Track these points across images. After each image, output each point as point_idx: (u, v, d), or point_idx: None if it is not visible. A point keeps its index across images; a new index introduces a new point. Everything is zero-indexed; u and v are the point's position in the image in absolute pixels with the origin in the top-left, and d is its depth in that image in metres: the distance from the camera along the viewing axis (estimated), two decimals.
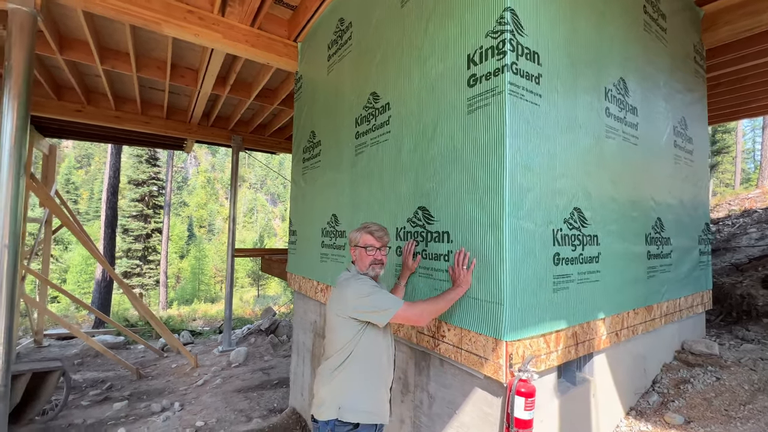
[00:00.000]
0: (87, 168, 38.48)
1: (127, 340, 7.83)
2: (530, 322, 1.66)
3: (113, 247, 11.10)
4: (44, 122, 6.50)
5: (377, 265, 1.72)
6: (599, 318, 2.05)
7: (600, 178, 2.11)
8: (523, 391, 1.48)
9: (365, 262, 1.71)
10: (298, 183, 3.92)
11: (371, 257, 1.70)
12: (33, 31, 2.83)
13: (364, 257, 1.71)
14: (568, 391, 1.92)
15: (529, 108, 1.70)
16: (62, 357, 6.65)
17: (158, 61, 4.79)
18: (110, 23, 3.97)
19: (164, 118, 6.58)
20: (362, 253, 1.72)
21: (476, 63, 1.77)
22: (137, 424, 3.97)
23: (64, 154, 33.99)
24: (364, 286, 1.64)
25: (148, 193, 19.27)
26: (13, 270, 2.74)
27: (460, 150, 1.83)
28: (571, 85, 1.93)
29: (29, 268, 6.43)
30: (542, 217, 1.74)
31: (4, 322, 2.68)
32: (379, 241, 1.73)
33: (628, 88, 2.36)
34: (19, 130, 2.75)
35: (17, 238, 2.76)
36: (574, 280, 1.88)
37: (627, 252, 2.28)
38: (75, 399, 4.89)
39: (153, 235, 19.80)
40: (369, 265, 1.71)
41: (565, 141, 1.88)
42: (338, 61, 3.13)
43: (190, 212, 40.12)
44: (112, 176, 10.56)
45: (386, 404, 1.72)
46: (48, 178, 7.52)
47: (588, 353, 2.02)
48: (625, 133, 2.32)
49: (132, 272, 18.85)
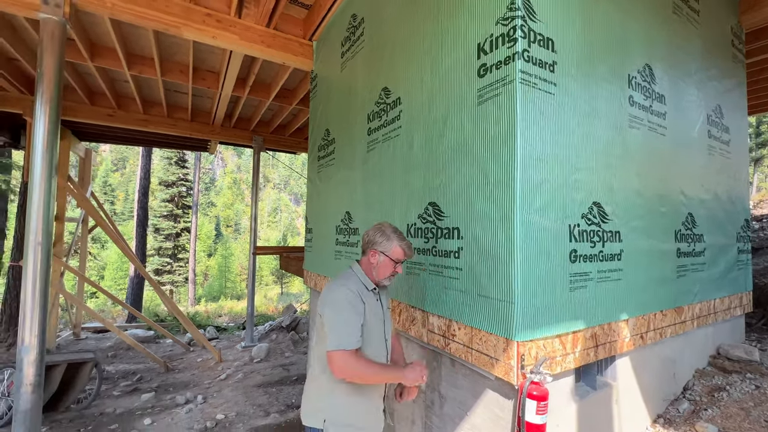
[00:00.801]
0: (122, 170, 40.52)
1: (157, 334, 8.16)
2: (544, 322, 1.58)
3: (144, 245, 11.62)
4: (80, 127, 6.86)
5: (393, 277, 1.65)
6: (622, 319, 1.93)
7: (623, 170, 1.98)
8: (535, 394, 1.41)
9: (385, 272, 1.62)
10: (313, 181, 3.95)
11: (394, 269, 1.62)
12: (63, 38, 2.97)
13: (387, 267, 1.61)
14: (587, 396, 1.82)
15: (542, 97, 1.62)
16: (97, 349, 7.02)
17: (181, 65, 4.95)
18: (135, 30, 4.13)
19: (189, 120, 6.80)
20: (387, 263, 1.61)
21: (486, 52, 1.70)
22: (162, 414, 4.12)
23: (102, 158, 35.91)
24: (343, 302, 1.50)
25: (177, 193, 20.07)
26: (46, 266, 2.88)
27: (471, 143, 1.76)
28: (589, 73, 1.83)
29: (68, 264, 6.82)
30: (557, 212, 1.65)
31: (38, 316, 2.83)
32: (406, 257, 1.64)
33: (654, 75, 2.21)
34: (51, 134, 2.89)
35: (49, 235, 2.91)
36: (593, 278, 1.78)
37: (653, 249, 2.15)
38: (107, 389, 5.14)
39: (182, 234, 20.61)
40: (388, 276, 1.62)
41: (583, 132, 1.79)
42: (351, 58, 3.12)
43: (217, 212, 41.49)
44: (143, 177, 11.05)
45: (378, 413, 1.64)
46: (84, 180, 7.93)
47: (610, 356, 1.91)
48: (652, 123, 2.18)
49: (163, 269, 19.69)
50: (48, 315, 3.00)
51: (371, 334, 1.59)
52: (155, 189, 21.65)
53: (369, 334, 1.58)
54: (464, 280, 1.76)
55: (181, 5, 3.32)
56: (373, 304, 1.62)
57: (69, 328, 8.23)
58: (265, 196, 49.57)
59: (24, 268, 2.83)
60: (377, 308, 1.64)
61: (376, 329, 1.62)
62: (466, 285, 1.75)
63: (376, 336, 1.61)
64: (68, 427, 3.85)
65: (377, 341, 1.62)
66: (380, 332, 1.63)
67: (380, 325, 1.64)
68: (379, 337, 1.63)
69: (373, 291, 1.65)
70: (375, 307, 1.63)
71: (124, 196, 35.16)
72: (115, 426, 3.83)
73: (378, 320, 1.63)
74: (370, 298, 1.62)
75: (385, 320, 1.67)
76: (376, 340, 1.61)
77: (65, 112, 6.00)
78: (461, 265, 1.79)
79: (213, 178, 48.66)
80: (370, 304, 1.60)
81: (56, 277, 6.49)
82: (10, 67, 4.87)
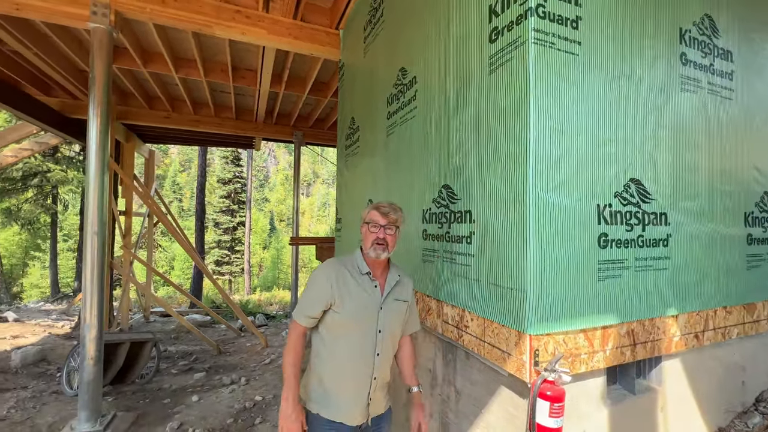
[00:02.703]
0: (188, 170, 44.29)
1: (213, 320, 8.82)
2: (564, 315, 1.40)
3: (203, 238, 12.61)
4: (142, 130, 7.56)
5: (379, 246, 1.52)
6: (669, 315, 1.66)
7: (671, 141, 1.69)
8: (549, 394, 1.25)
9: (368, 242, 1.55)
10: (341, 171, 3.94)
11: (374, 235, 1.53)
12: (110, 45, 3.23)
13: (367, 235, 1.56)
14: (622, 401, 1.59)
15: (562, 59, 1.42)
16: (162, 331, 7.76)
17: (221, 65, 5.20)
18: (178, 33, 4.39)
19: (234, 119, 7.18)
20: (366, 231, 1.57)
21: (498, 14, 1.53)
22: (209, 393, 4.42)
23: (170, 159, 39.56)
24: (315, 276, 1.54)
25: (233, 190, 21.54)
26: (102, 253, 3.19)
27: (482, 117, 1.61)
28: (625, 27, 1.57)
29: (136, 255, 7.58)
30: (582, 191, 1.45)
31: (96, 298, 3.15)
32: (384, 218, 1.54)
33: (717, 28, 1.86)
34: (102, 133, 3.18)
35: (104, 225, 3.21)
36: (630, 266, 1.54)
37: (714, 235, 1.82)
38: (168, 367, 5.65)
39: (238, 228, 22.10)
40: (371, 244, 1.53)
41: (616, 97, 1.54)
42: (372, 42, 3.03)
43: (271, 207, 43.87)
44: (200, 175, 11.96)
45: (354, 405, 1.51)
46: (149, 179, 8.74)
47: (653, 357, 1.66)
48: (712, 85, 1.83)
49: (222, 261, 21.31)
50: (104, 298, 3.33)
51: (352, 320, 1.50)
52: (215, 186, 23.40)
53: (347, 319, 1.49)
54: (476, 267, 1.62)
55: (211, 4, 3.46)
56: (362, 289, 1.52)
57: (141, 311, 9.20)
58: (315, 191, 51.36)
59: (83, 256, 3.16)
60: (369, 294, 1.54)
61: (362, 317, 1.51)
62: (478, 272, 1.61)
63: (360, 325, 1.51)
64: (131, 398, 4.28)
65: (361, 331, 1.51)
66: (369, 322, 1.52)
67: (370, 314, 1.53)
68: (365, 327, 1.52)
69: (369, 276, 1.56)
70: (364, 293, 1.53)
71: (190, 194, 38.48)
72: (168, 400, 4.19)
73: (366, 307, 1.52)
74: (362, 281, 1.54)
75: (383, 311, 1.55)
76: (360, 329, 1.51)
77: (129, 116, 6.64)
78: (473, 251, 1.64)
79: (267, 175, 51.44)
80: (356, 288, 1.52)
81: (126, 267, 7.26)
82: (81, 78, 5.45)
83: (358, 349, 1.52)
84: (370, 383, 1.54)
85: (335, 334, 1.52)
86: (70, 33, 4.34)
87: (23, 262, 20.53)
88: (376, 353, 1.54)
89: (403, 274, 1.69)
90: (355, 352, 1.52)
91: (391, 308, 1.59)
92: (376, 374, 1.54)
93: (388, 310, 1.57)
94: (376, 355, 1.54)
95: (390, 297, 1.59)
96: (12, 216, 13.12)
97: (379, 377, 1.56)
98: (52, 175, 12.12)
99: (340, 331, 1.51)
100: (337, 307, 1.48)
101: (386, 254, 1.55)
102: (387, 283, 1.60)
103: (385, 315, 1.55)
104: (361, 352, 1.52)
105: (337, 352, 1.52)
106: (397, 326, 1.62)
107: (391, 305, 1.59)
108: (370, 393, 1.54)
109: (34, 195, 12.81)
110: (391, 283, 1.60)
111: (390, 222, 1.55)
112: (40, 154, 11.71)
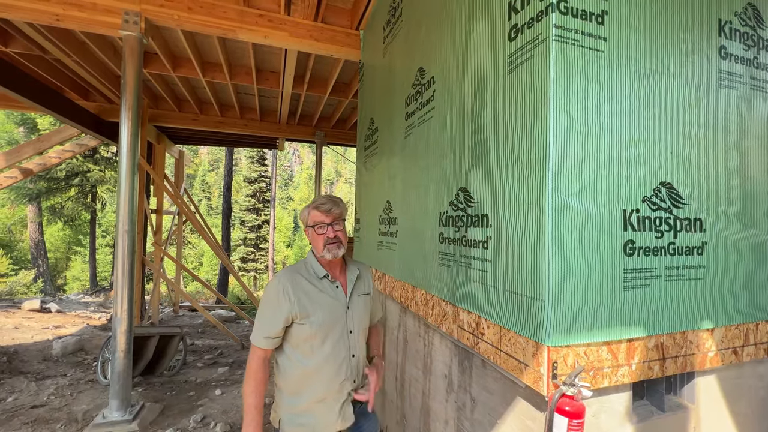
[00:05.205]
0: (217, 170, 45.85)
1: (237, 315, 9.08)
2: (586, 326, 1.33)
3: (229, 236, 13.00)
4: (172, 132, 7.87)
5: (333, 245, 1.44)
6: (703, 328, 1.55)
7: (708, 141, 1.58)
8: (568, 410, 1.19)
9: (319, 245, 1.46)
10: (361, 171, 3.95)
11: (322, 236, 1.44)
12: (141, 51, 3.37)
13: (316, 239, 1.46)
14: (649, 418, 1.50)
15: (586, 56, 1.34)
16: (190, 325, 8.06)
17: (246, 68, 5.33)
18: (205, 39, 4.54)
19: (258, 120, 7.35)
20: (313, 234, 1.47)
21: (517, 10, 1.47)
22: (231, 387, 4.55)
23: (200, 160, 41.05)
24: (268, 293, 1.42)
25: (258, 189, 22.12)
26: (132, 250, 3.33)
27: (500, 118, 1.55)
28: (656, 21, 1.47)
29: (166, 251, 7.91)
30: (607, 195, 1.37)
31: (126, 293, 3.30)
32: (328, 215, 1.45)
33: (762, 18, 1.71)
34: (133, 135, 3.32)
35: (134, 224, 3.36)
36: (659, 276, 1.44)
37: (755, 242, 1.68)
38: (194, 360, 5.86)
39: (263, 226, 22.67)
40: (324, 246, 1.45)
41: (646, 95, 1.45)
42: (391, 42, 3.01)
43: (295, 206, 44.72)
44: (226, 175, 12.34)
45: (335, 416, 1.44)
46: (178, 179, 9.10)
47: (685, 372, 1.55)
48: (756, 80, 1.69)
49: (248, 258, 21.93)
50: (134, 293, 3.48)
51: (320, 328, 1.42)
52: (241, 186, 24.09)
53: (316, 329, 1.41)
54: (493, 273, 1.57)
55: (235, 9, 3.54)
56: (324, 294, 1.47)
57: (170, 306, 9.60)
58: (338, 190, 51.90)
59: (114, 252, 3.31)
60: (333, 297, 1.48)
61: (331, 322, 1.45)
62: (495, 279, 1.55)
63: (331, 331, 1.45)
64: (159, 390, 4.46)
65: (334, 337, 1.45)
66: (339, 325, 1.47)
67: (338, 317, 1.47)
68: (336, 332, 1.46)
69: (327, 278, 1.49)
70: (327, 297, 1.47)
71: (218, 193, 39.83)
72: (192, 393, 4.34)
73: (333, 311, 1.47)
74: (322, 285, 1.48)
75: (351, 310, 1.50)
76: (332, 336, 1.44)
77: (160, 119, 6.92)
78: (490, 256, 1.59)
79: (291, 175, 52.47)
80: (318, 294, 1.45)
81: (157, 263, 7.59)
82: (116, 82, 5.73)
83: (332, 356, 1.44)
84: (350, 386, 1.49)
85: (304, 348, 1.43)
86: (105, 40, 4.56)
87: (66, 256, 21.92)
88: (351, 355, 1.49)
89: (361, 266, 1.63)
90: (329, 360, 1.43)
91: (358, 305, 1.54)
92: (355, 376, 1.49)
93: (355, 309, 1.51)
94: (352, 356, 1.49)
95: (354, 294, 1.54)
96: (56, 213, 14.03)
97: (358, 379, 1.52)
98: (92, 175, 12.85)
99: (310, 343, 1.42)
100: (301, 319, 1.41)
101: (342, 250, 1.48)
102: (348, 281, 1.54)
103: (353, 314, 1.50)
104: (336, 359, 1.45)
105: (310, 366, 1.42)
106: (366, 321, 1.56)
107: (357, 302, 1.54)
108: (349, 396, 1.49)
109: (76, 193, 13.64)
110: (352, 280, 1.55)
111: (335, 217, 1.49)
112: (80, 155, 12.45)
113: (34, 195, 12.85)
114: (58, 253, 21.55)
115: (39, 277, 15.01)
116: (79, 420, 3.61)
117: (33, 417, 3.63)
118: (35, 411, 3.75)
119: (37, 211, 14.26)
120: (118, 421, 3.23)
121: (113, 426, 3.20)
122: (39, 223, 14.71)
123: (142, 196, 6.85)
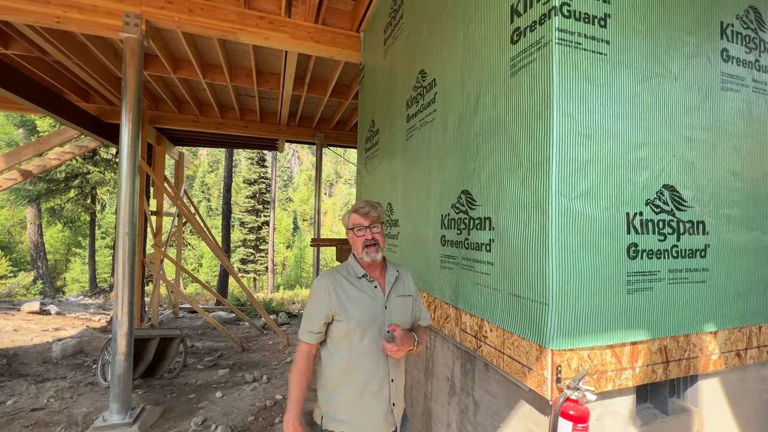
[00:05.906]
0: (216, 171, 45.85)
1: (237, 317, 9.06)
2: (589, 329, 1.32)
3: (228, 237, 12.99)
4: (172, 133, 7.86)
5: (371, 248, 1.50)
6: (707, 331, 1.55)
7: (710, 144, 1.58)
8: (572, 414, 1.19)
9: (358, 246, 1.53)
10: (361, 173, 3.94)
11: (361, 239, 1.50)
12: (141, 53, 3.37)
13: (355, 241, 1.53)
14: (653, 422, 1.50)
15: (588, 59, 1.34)
16: (189, 327, 8.04)
17: (246, 70, 5.33)
18: (205, 41, 4.54)
19: (258, 121, 7.35)
20: (353, 237, 1.54)
21: (520, 13, 1.47)
22: (232, 390, 4.54)
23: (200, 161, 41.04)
24: (312, 291, 1.52)
25: (258, 190, 22.10)
26: (132, 252, 3.32)
27: (503, 121, 1.55)
28: (659, 24, 1.47)
29: (166, 253, 7.90)
30: (610, 198, 1.37)
31: (127, 297, 3.29)
32: (367, 219, 1.51)
33: (763, 20, 1.71)
34: (133, 137, 3.31)
35: (134, 226, 3.35)
36: (663, 279, 1.44)
37: (758, 244, 1.68)
38: (194, 362, 5.84)
39: (263, 227, 22.65)
40: (362, 248, 1.51)
41: (649, 98, 1.45)
42: (392, 44, 3.01)
43: (294, 207, 44.71)
44: (226, 176, 12.33)
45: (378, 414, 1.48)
46: (178, 180, 9.09)
47: (688, 375, 1.55)
48: (758, 83, 1.69)
49: (247, 259, 21.91)
50: (134, 295, 3.47)
51: (358, 325, 1.46)
52: (241, 187, 24.08)
53: (354, 326, 1.46)
54: (496, 276, 1.57)
55: (236, 12, 3.54)
56: (362, 293, 1.50)
57: (170, 307, 9.58)
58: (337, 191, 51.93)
59: (115, 255, 3.31)
60: (371, 296, 1.51)
61: (369, 320, 1.48)
62: (498, 282, 1.55)
63: (369, 328, 1.48)
64: (159, 392, 4.45)
65: (372, 334, 1.48)
66: (377, 323, 1.49)
67: (376, 315, 1.50)
68: (374, 330, 1.48)
69: (366, 278, 1.53)
70: (365, 296, 1.50)
71: (218, 194, 39.80)
72: (193, 395, 4.33)
73: (371, 309, 1.49)
74: (361, 285, 1.52)
75: (388, 309, 1.52)
76: (369, 333, 1.48)
77: (160, 120, 6.92)
78: (492, 259, 1.59)
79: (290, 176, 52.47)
80: (356, 293, 1.50)
81: (157, 264, 7.57)
82: (117, 84, 5.73)
83: (370, 353, 1.48)
84: (389, 386, 1.51)
85: (342, 344, 1.48)
86: (106, 42, 4.56)
87: (66, 257, 21.88)
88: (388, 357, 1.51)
89: (400, 268, 1.66)
90: (367, 357, 1.48)
91: (396, 305, 1.56)
92: (393, 376, 1.52)
93: (393, 308, 1.54)
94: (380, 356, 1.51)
95: (392, 294, 1.56)
96: (56, 215, 14.01)
97: (396, 379, 1.53)
98: (91, 177, 12.84)
99: (348, 339, 1.47)
100: (340, 315, 1.46)
101: (381, 254, 1.53)
102: (386, 281, 1.57)
103: (391, 313, 1.53)
104: (373, 356, 1.48)
105: (349, 362, 1.48)
106: (407, 322, 1.58)
107: (395, 302, 1.56)
108: (390, 397, 1.51)
109: (76, 195, 13.62)
110: (390, 281, 1.58)
111: (373, 221, 1.53)
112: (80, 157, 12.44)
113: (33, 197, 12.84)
114: (57, 254, 21.52)
115: (38, 279, 14.98)
116: (80, 423, 3.59)
117: (33, 420, 3.61)
118: (35, 414, 3.74)
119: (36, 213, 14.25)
120: (119, 424, 3.22)
121: (114, 429, 3.19)
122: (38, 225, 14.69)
123: (142, 197, 6.84)
